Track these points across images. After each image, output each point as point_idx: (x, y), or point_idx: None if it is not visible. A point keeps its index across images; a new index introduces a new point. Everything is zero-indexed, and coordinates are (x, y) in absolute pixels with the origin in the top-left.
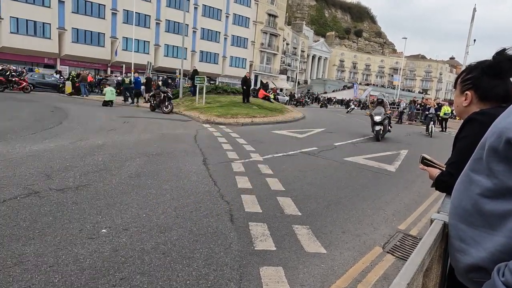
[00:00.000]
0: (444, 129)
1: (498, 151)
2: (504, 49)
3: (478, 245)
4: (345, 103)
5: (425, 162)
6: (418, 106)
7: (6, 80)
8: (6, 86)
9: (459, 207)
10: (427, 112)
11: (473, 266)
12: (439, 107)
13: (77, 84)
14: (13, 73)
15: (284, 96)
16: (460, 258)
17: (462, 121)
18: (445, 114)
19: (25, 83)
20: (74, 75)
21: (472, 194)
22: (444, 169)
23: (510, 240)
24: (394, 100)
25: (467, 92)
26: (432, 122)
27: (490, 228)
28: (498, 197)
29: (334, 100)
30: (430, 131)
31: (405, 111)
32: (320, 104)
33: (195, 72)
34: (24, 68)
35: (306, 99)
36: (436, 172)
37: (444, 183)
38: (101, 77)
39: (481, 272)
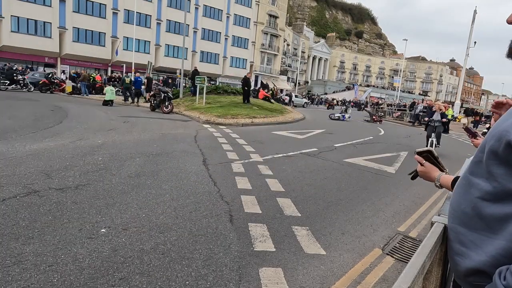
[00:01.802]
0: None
1: (498, 154)
2: None
3: (478, 249)
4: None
5: (427, 156)
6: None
7: (50, 82)
8: (48, 88)
9: (459, 210)
10: (426, 119)
11: (474, 269)
12: (430, 107)
13: (97, 85)
14: (54, 76)
15: (302, 99)
16: (460, 261)
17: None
18: (450, 116)
19: (65, 85)
20: (93, 76)
21: (471, 197)
22: (446, 170)
23: (511, 244)
24: (394, 101)
25: None
26: (434, 135)
27: (491, 231)
28: (498, 200)
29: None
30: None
31: (421, 113)
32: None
33: (196, 72)
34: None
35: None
36: (435, 171)
37: None
38: (110, 76)
39: (482, 276)
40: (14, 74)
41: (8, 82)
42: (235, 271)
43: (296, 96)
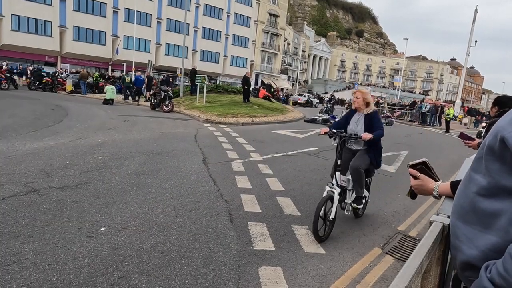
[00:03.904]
0: (447, 130)
1: (494, 150)
2: None
3: (470, 242)
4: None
5: (421, 167)
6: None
7: (52, 81)
8: (52, 87)
9: (458, 205)
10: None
11: (466, 263)
12: (436, 107)
13: (100, 84)
14: (60, 74)
15: (314, 99)
16: (455, 255)
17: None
18: (452, 115)
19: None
20: (98, 75)
21: (469, 192)
22: (440, 180)
23: (501, 240)
24: (394, 100)
25: None
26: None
27: (483, 226)
28: (491, 195)
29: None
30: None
31: (428, 113)
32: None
33: (194, 71)
34: (62, 69)
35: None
36: (432, 182)
37: None
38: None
39: (475, 271)
40: (42, 75)
41: (38, 82)
42: (234, 270)
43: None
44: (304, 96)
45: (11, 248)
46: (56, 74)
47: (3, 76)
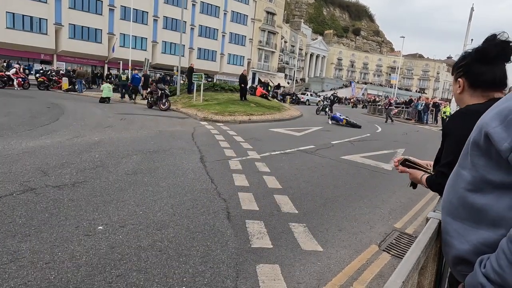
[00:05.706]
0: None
1: (480, 145)
2: (495, 35)
3: (461, 237)
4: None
5: (407, 164)
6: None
7: (48, 79)
8: (47, 85)
9: (447, 201)
10: None
11: (458, 258)
12: (426, 105)
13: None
14: (53, 73)
15: (316, 97)
16: (447, 251)
17: None
18: (448, 113)
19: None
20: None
21: (457, 188)
22: (428, 169)
23: (492, 233)
24: (391, 98)
25: (459, 79)
26: None
27: (473, 221)
28: (478, 190)
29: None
30: None
31: (422, 110)
32: (362, 105)
33: (191, 69)
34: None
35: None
36: (419, 173)
37: (439, 185)
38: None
39: (468, 265)
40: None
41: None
42: (232, 267)
43: (311, 95)
44: (306, 94)
45: (8, 247)
46: (48, 73)
47: (25, 76)
